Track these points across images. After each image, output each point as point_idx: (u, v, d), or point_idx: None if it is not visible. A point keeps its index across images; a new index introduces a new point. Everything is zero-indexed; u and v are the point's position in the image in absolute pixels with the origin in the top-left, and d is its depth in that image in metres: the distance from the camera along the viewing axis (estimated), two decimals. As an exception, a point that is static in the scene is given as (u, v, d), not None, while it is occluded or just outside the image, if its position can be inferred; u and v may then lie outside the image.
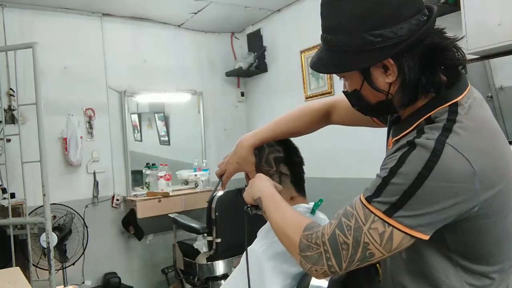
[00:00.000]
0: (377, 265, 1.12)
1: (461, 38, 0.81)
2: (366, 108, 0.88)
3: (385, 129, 0.99)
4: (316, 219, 1.16)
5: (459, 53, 0.80)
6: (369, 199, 0.76)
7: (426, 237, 0.74)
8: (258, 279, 1.07)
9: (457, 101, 0.79)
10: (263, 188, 1.01)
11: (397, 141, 0.83)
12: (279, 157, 1.22)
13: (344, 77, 0.87)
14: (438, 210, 0.72)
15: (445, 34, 0.80)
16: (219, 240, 2.67)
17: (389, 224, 0.73)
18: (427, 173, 0.71)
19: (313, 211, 1.18)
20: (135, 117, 3.72)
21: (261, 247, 1.11)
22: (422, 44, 0.77)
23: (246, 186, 1.11)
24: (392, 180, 0.74)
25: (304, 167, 1.28)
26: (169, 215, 3.06)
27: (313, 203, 1.22)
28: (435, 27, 0.79)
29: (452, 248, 0.79)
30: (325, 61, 0.83)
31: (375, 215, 0.75)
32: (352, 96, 0.87)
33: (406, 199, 0.72)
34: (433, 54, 0.78)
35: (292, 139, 1.30)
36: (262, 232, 1.20)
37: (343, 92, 0.90)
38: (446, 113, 0.78)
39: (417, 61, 0.77)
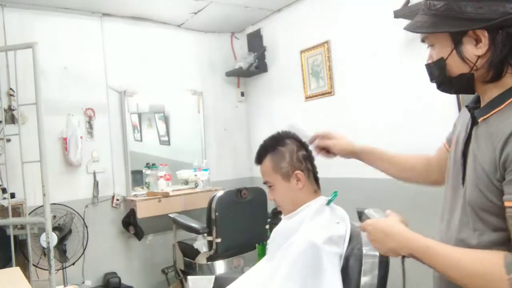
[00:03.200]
0: None
1: None
2: (445, 81, 0.89)
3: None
4: (332, 209, 1.28)
5: None
6: None
7: None
8: (314, 267, 1.13)
9: None
10: (408, 244, 0.87)
11: (485, 120, 0.84)
12: (305, 154, 1.35)
13: (434, 45, 0.89)
14: None
15: None
16: (219, 240, 2.67)
17: None
18: None
19: (328, 202, 1.30)
20: (135, 117, 3.72)
21: (318, 235, 1.17)
22: None
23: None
24: None
25: None
26: (169, 215, 3.06)
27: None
28: None
29: None
30: (421, 23, 0.87)
31: None
32: (436, 66, 0.88)
33: None
34: None
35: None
36: (283, 230, 1.28)
37: (426, 65, 0.92)
38: None
39: (510, 40, 0.79)
